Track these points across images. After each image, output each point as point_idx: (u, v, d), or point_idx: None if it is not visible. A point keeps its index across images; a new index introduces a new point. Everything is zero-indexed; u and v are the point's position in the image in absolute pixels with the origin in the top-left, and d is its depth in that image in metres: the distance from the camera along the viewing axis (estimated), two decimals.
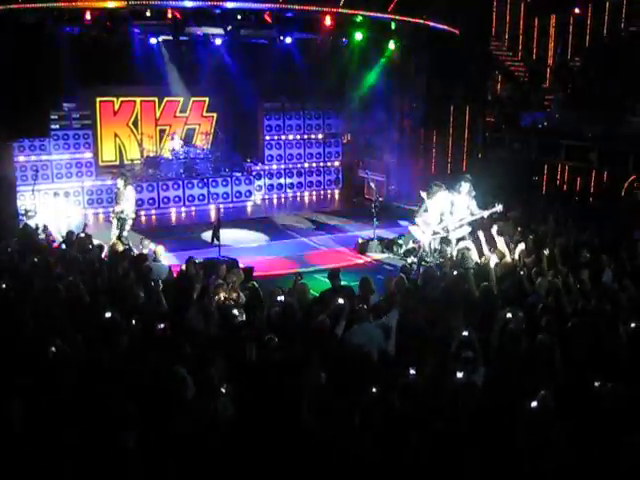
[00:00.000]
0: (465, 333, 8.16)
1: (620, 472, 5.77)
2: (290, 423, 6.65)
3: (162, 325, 8.63)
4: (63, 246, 13.09)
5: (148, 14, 17.93)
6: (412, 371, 7.53)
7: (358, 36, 20.56)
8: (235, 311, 9.69)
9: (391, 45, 21.28)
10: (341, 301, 9.39)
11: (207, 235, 16.43)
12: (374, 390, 6.82)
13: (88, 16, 17.18)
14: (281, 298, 10.06)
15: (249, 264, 14.42)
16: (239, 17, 18.81)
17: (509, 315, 8.91)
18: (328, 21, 19.11)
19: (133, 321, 8.85)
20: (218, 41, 20.56)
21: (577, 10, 22.95)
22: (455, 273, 11.40)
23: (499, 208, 15.02)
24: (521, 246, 12.73)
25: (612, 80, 20.58)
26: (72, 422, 6.29)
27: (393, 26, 20.40)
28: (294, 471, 5.96)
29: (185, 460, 6.00)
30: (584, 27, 23.74)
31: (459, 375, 7.55)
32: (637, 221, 15.17)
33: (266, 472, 5.97)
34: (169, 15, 17.88)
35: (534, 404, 6.50)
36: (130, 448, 5.87)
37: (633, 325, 8.72)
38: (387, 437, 6.25)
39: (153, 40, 20.29)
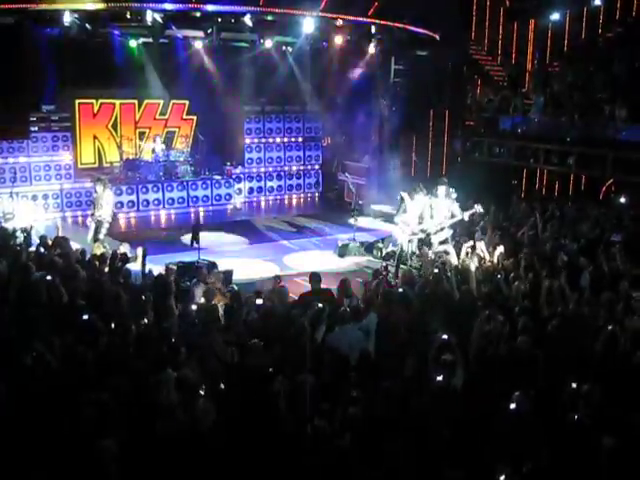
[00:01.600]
0: (444, 336, 8.17)
1: (596, 474, 5.81)
2: (272, 427, 6.65)
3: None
4: (41, 249, 12.99)
5: (128, 16, 17.91)
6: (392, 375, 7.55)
7: (338, 40, 20.62)
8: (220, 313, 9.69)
9: (371, 49, 21.36)
10: (320, 305, 9.37)
11: (187, 238, 16.37)
12: (354, 393, 6.82)
13: (67, 18, 17.11)
14: (260, 301, 10.05)
15: (228, 267, 14.38)
16: (219, 20, 18.82)
17: (488, 318, 8.95)
18: (308, 25, 19.15)
19: (112, 324, 8.82)
20: (198, 44, 20.53)
21: (555, 15, 23.12)
22: (435, 276, 11.43)
23: (478, 209, 15.10)
24: (500, 249, 12.80)
25: (590, 85, 20.76)
26: (50, 427, 6.25)
27: (373, 30, 20.49)
28: (276, 474, 5.95)
29: (168, 465, 5.97)
30: (562, 32, 23.94)
31: (438, 378, 7.58)
32: (615, 224, 15.28)
33: (248, 475, 5.96)
34: (149, 17, 17.84)
35: (512, 406, 6.54)
36: (111, 453, 5.84)
37: (610, 327, 8.77)
38: (367, 439, 6.26)
39: (133, 42, 20.18)
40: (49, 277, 10.27)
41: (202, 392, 6.97)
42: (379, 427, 6.43)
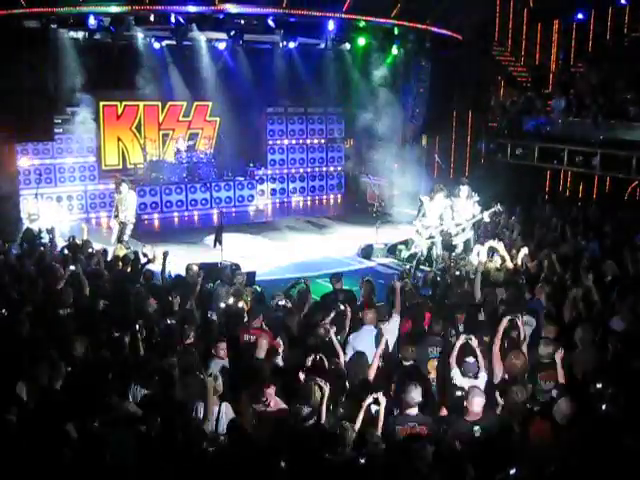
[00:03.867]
0: (466, 338, 8.12)
1: (619, 475, 5.76)
2: (289, 427, 6.67)
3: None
4: (65, 250, 13.09)
5: (152, 19, 18.02)
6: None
7: (361, 41, 20.61)
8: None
9: (394, 50, 21.32)
10: (342, 307, 9.37)
11: (210, 239, 16.43)
12: (375, 395, 6.82)
13: (92, 21, 17.25)
14: (282, 302, 10.07)
15: (251, 268, 14.40)
16: (242, 22, 18.87)
17: (511, 322, 8.87)
18: (331, 26, 19.15)
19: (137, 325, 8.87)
20: (221, 46, 20.61)
21: (580, 15, 22.94)
22: (458, 278, 11.39)
23: (498, 207, 15.02)
24: (524, 251, 12.73)
25: (615, 86, 20.57)
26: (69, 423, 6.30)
27: (396, 31, 20.45)
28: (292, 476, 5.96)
29: (185, 465, 5.99)
30: (587, 33, 23.75)
31: (462, 380, 7.57)
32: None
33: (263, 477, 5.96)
34: (172, 20, 17.94)
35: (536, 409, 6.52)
36: (131, 447, 5.89)
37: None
38: (390, 442, 6.26)
39: (157, 45, 20.30)
40: (72, 267, 10.42)
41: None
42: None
